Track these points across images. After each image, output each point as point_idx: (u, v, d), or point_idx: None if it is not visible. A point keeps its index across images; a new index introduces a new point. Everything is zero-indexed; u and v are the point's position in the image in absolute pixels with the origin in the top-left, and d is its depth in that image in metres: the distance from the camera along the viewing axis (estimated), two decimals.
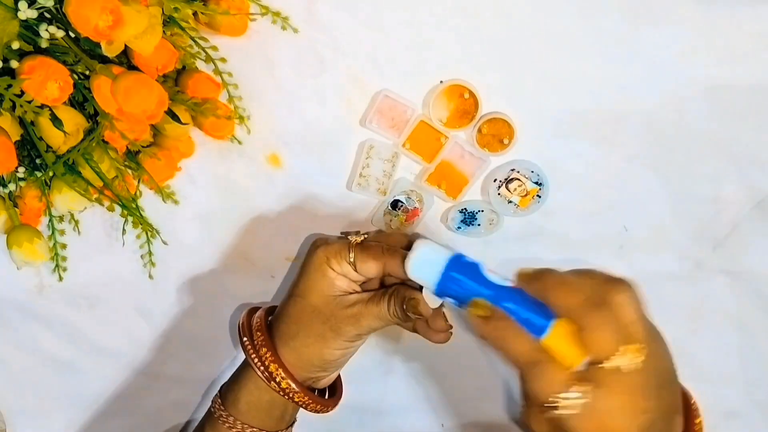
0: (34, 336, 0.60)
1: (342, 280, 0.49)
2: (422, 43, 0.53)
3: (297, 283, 0.50)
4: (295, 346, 0.49)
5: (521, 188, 0.55)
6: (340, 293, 0.49)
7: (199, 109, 0.49)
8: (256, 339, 0.49)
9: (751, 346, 0.60)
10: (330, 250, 0.49)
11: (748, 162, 0.55)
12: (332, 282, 0.49)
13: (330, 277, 0.49)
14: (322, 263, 0.49)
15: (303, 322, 0.49)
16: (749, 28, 0.52)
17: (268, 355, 0.48)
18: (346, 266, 0.49)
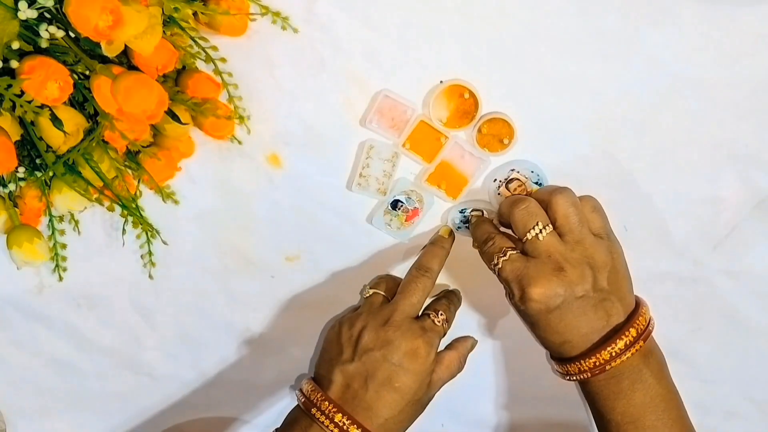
0: (34, 336, 0.60)
1: None
2: (422, 43, 0.53)
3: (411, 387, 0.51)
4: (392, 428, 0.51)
5: (521, 188, 0.55)
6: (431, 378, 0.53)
7: (199, 109, 0.49)
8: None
9: (751, 346, 0.60)
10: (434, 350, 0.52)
11: (748, 162, 0.55)
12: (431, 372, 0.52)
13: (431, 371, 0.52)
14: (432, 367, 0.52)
15: (406, 413, 0.51)
16: (749, 28, 0.52)
17: None
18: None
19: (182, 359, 0.61)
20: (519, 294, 0.49)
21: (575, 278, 0.48)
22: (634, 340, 0.48)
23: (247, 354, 0.61)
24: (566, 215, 0.49)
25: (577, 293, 0.48)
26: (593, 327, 0.49)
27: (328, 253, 0.58)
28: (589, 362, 0.49)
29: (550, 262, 0.48)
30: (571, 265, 0.48)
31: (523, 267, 0.49)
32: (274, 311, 0.60)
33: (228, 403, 0.63)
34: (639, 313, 0.50)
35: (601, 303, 0.49)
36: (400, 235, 0.57)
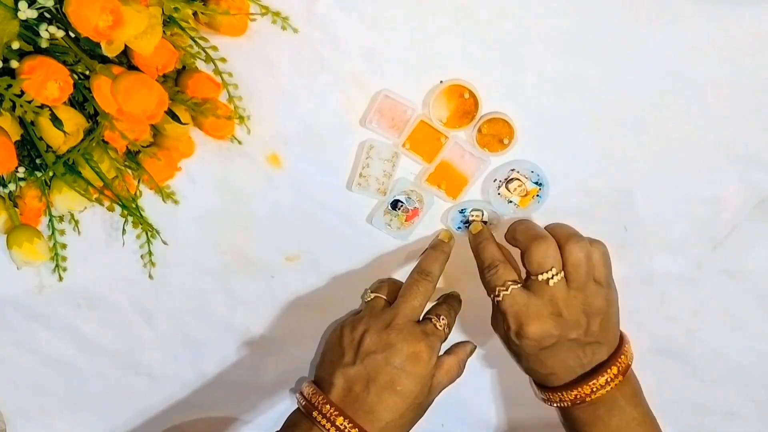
0: (34, 336, 0.60)
1: None
2: (422, 43, 0.53)
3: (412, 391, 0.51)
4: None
5: (521, 188, 0.55)
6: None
7: (199, 109, 0.49)
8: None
9: (751, 346, 0.60)
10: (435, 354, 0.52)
11: (748, 162, 0.55)
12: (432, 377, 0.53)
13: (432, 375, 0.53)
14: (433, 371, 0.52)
15: (407, 417, 0.52)
16: (749, 28, 0.52)
17: None
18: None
19: (182, 359, 0.61)
20: (515, 329, 0.51)
21: (571, 324, 0.50)
22: (614, 377, 0.51)
23: (247, 354, 0.61)
24: (577, 265, 0.50)
25: (570, 336, 0.51)
26: (578, 363, 0.52)
27: (328, 253, 0.58)
28: (571, 394, 0.51)
29: (551, 305, 0.50)
30: (569, 311, 0.50)
31: (524, 304, 0.51)
32: (274, 311, 0.60)
33: (228, 403, 0.63)
34: (622, 351, 0.52)
35: (590, 345, 0.51)
36: (400, 235, 0.57)
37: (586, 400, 0.51)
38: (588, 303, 0.51)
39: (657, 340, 0.60)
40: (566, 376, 0.52)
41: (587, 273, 0.51)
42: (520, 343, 0.51)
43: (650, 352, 0.60)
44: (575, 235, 0.51)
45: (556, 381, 0.53)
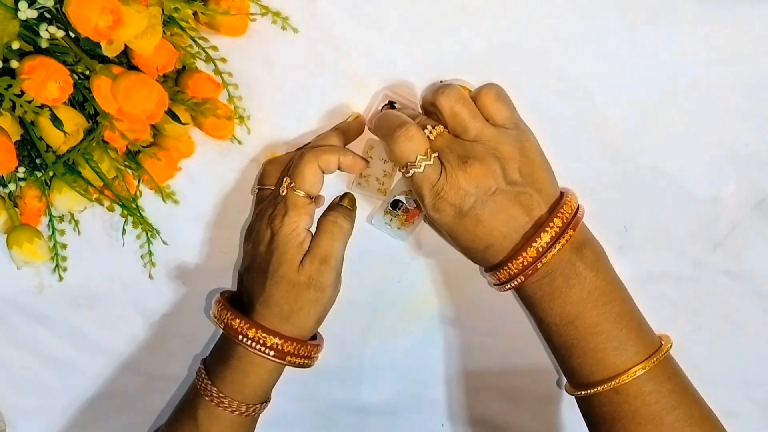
0: (34, 336, 0.60)
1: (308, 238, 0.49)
2: (422, 43, 0.53)
3: (273, 263, 0.48)
4: (296, 321, 0.49)
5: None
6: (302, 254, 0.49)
7: (199, 109, 0.49)
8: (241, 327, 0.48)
9: (751, 346, 0.60)
10: (290, 217, 0.48)
11: (748, 162, 0.55)
12: (303, 247, 0.49)
13: (304, 245, 0.49)
14: (297, 236, 0.48)
15: (292, 299, 0.48)
16: (749, 28, 0.52)
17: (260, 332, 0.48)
18: (310, 217, 0.49)
19: (182, 359, 0.61)
20: (432, 201, 0.46)
21: (482, 171, 0.44)
22: (560, 231, 0.44)
23: None
24: (454, 113, 0.45)
25: (489, 187, 0.45)
26: (513, 225, 0.45)
27: None
28: (517, 263, 0.45)
29: (454, 160, 0.45)
30: (473, 157, 0.44)
31: (438, 173, 0.45)
32: None
33: None
34: (563, 201, 0.46)
35: (517, 197, 0.45)
36: (400, 235, 0.57)
37: (537, 267, 0.45)
38: (494, 148, 0.45)
39: None
40: (505, 245, 0.46)
41: (473, 117, 0.45)
42: (440, 216, 0.46)
43: None
44: (441, 86, 0.46)
45: (497, 254, 0.46)
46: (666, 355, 0.47)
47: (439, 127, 0.46)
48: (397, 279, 0.59)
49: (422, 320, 0.60)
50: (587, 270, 0.46)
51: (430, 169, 0.46)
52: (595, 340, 0.46)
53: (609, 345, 0.46)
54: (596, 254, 0.47)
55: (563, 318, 0.46)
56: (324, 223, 0.50)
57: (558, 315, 0.46)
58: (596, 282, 0.46)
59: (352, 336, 0.60)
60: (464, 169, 0.45)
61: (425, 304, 0.59)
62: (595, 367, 0.46)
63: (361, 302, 0.59)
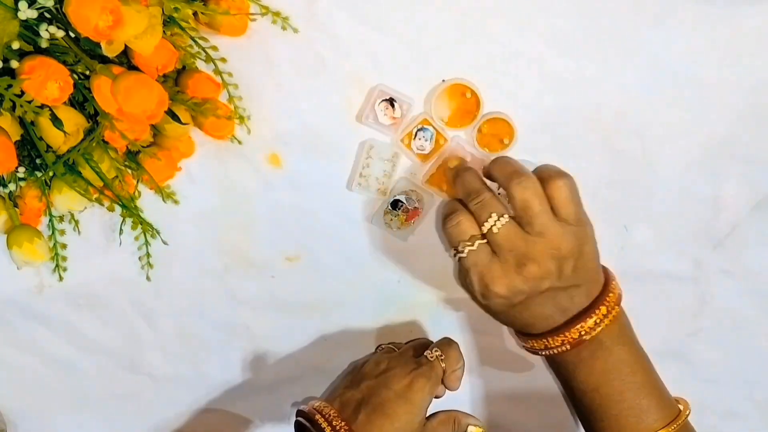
0: (34, 336, 0.60)
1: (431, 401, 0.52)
2: (422, 42, 0.53)
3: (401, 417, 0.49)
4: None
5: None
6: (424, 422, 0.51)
7: (199, 109, 0.49)
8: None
9: (751, 346, 0.60)
10: (431, 385, 0.50)
11: (748, 162, 0.55)
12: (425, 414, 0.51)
13: (426, 413, 0.51)
14: (427, 404, 0.50)
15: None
16: (749, 28, 0.52)
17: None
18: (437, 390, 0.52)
19: (182, 359, 0.61)
20: (481, 290, 0.48)
21: (539, 274, 0.46)
22: (603, 317, 0.47)
23: (247, 354, 0.61)
24: (525, 207, 0.46)
25: (542, 288, 0.47)
26: (557, 311, 0.48)
27: (328, 253, 0.58)
28: (557, 340, 0.48)
29: (512, 258, 0.46)
30: (533, 260, 0.46)
31: (488, 262, 0.47)
32: (274, 311, 0.60)
33: (228, 403, 0.63)
34: (609, 289, 0.49)
35: (565, 290, 0.47)
36: (400, 235, 0.57)
37: (575, 345, 0.48)
38: (555, 247, 0.46)
39: (656, 341, 0.60)
40: (545, 325, 0.49)
41: (542, 213, 0.46)
42: (489, 304, 0.48)
43: (650, 352, 0.60)
44: (516, 174, 0.46)
45: (534, 330, 0.49)
46: (684, 422, 0.50)
47: (505, 217, 0.46)
48: (397, 279, 0.59)
49: (422, 320, 0.60)
50: (613, 344, 0.48)
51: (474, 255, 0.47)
52: (618, 407, 0.48)
53: (631, 413, 0.48)
54: (622, 328, 0.49)
55: (588, 385, 0.49)
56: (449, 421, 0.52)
57: (583, 382, 0.49)
58: (620, 354, 0.48)
59: (352, 336, 0.60)
60: (521, 272, 0.46)
61: (425, 304, 0.59)
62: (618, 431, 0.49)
63: (360, 302, 0.59)
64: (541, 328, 0.49)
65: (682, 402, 0.51)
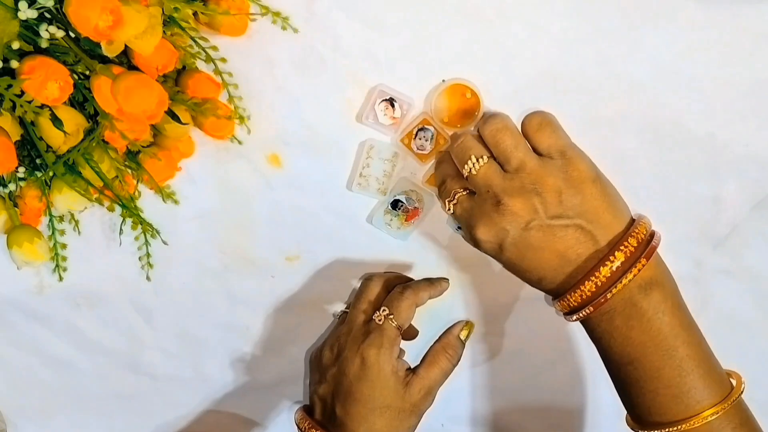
0: (34, 336, 0.60)
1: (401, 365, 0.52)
2: (422, 42, 0.53)
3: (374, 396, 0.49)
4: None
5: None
6: (404, 381, 0.51)
7: (199, 109, 0.49)
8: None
9: (751, 346, 0.60)
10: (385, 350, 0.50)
11: (748, 162, 0.55)
12: (399, 375, 0.51)
13: (399, 373, 0.51)
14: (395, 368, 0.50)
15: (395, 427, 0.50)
16: (749, 28, 0.52)
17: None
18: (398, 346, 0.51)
19: (182, 359, 0.61)
20: (470, 237, 0.46)
21: (518, 209, 0.43)
22: (625, 268, 0.42)
23: (247, 354, 0.61)
24: (496, 142, 0.44)
25: (524, 223, 0.43)
26: (561, 257, 0.44)
27: (328, 253, 0.58)
28: (575, 296, 0.43)
29: (490, 198, 0.44)
30: (509, 195, 0.43)
31: (469, 207, 0.46)
32: (274, 311, 0.60)
33: (228, 403, 0.63)
34: (629, 234, 0.43)
35: (563, 230, 0.43)
36: (400, 235, 0.57)
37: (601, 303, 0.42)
38: (534, 180, 0.43)
39: None
40: (558, 277, 0.44)
41: (516, 147, 0.44)
42: (483, 250, 0.46)
43: None
44: (488, 115, 0.46)
45: (550, 285, 0.45)
46: (737, 401, 0.44)
47: (484, 158, 0.45)
48: None
49: (422, 320, 0.59)
50: (651, 311, 0.43)
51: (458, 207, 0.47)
52: (656, 384, 0.44)
53: (669, 392, 0.44)
54: (664, 294, 0.44)
55: (623, 358, 0.44)
56: (438, 355, 0.52)
57: (618, 354, 0.44)
58: (659, 325, 0.43)
59: None
60: (498, 208, 0.44)
61: (425, 304, 0.59)
62: (654, 409, 0.44)
63: None
64: (553, 282, 0.45)
65: (735, 376, 0.46)
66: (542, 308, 0.59)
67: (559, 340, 0.60)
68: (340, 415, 0.50)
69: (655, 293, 0.43)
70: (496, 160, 0.45)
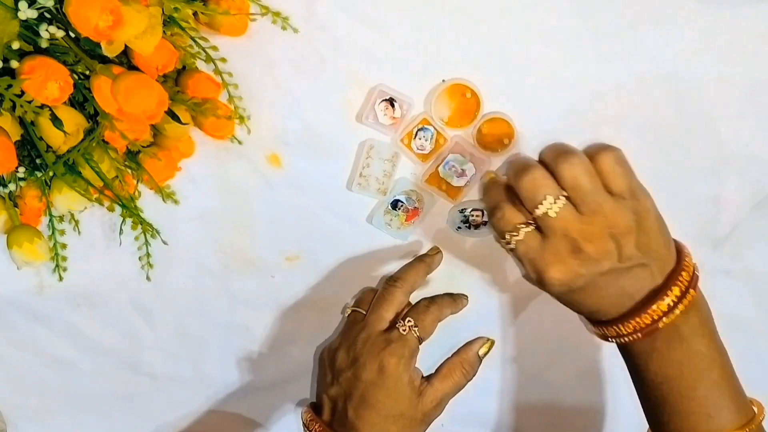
0: (34, 336, 0.60)
1: (417, 374, 0.52)
2: (422, 42, 0.53)
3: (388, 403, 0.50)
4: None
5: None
6: (419, 390, 0.51)
7: (199, 109, 0.49)
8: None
9: (751, 346, 0.60)
10: (405, 360, 0.51)
11: (748, 161, 0.55)
12: (414, 385, 0.51)
13: (414, 383, 0.51)
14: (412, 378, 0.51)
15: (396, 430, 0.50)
16: (750, 28, 0.52)
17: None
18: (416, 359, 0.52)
19: (182, 359, 0.61)
20: (536, 277, 0.44)
21: (597, 255, 0.43)
22: (678, 300, 0.43)
23: (247, 354, 0.61)
24: (576, 185, 0.42)
25: (602, 270, 0.43)
26: (623, 293, 0.44)
27: (328, 253, 0.58)
28: (629, 326, 0.44)
29: (567, 241, 0.43)
30: (589, 241, 0.42)
31: (539, 248, 0.44)
32: (274, 311, 0.60)
33: (228, 403, 0.63)
34: (681, 267, 0.44)
35: (631, 270, 0.44)
36: (400, 235, 0.57)
37: (652, 332, 0.44)
38: (611, 224, 0.42)
39: None
40: (613, 311, 0.45)
41: (594, 190, 0.42)
42: (549, 291, 0.45)
43: None
44: (564, 152, 0.43)
45: (604, 316, 0.45)
46: (759, 426, 0.46)
47: (561, 199, 0.42)
48: None
49: None
50: (691, 335, 0.45)
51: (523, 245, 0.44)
52: (689, 403, 0.45)
53: (702, 410, 0.45)
54: (702, 319, 0.46)
55: (659, 376, 0.46)
56: (454, 369, 0.53)
57: (654, 373, 0.46)
58: (697, 347, 0.45)
59: None
60: (577, 254, 0.43)
61: None
62: (684, 428, 0.45)
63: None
64: (609, 315, 0.45)
65: (756, 404, 0.48)
66: (543, 308, 0.59)
67: (559, 341, 0.60)
68: (352, 418, 0.50)
69: (693, 317, 0.45)
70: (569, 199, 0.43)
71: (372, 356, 0.51)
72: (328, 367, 0.54)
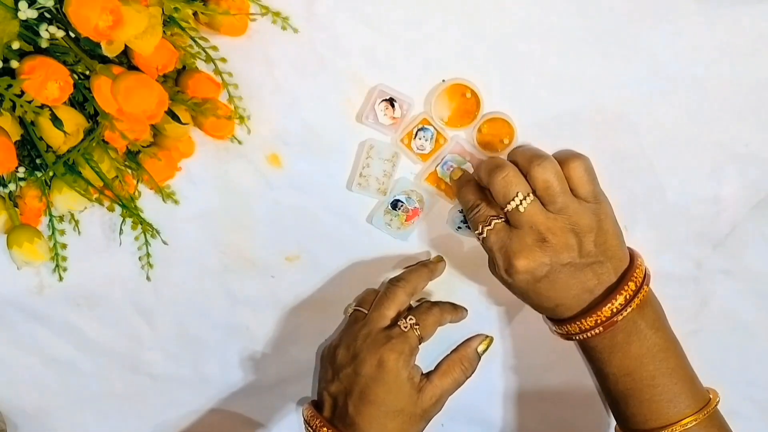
0: (34, 336, 0.60)
1: (416, 371, 0.53)
2: (422, 42, 0.53)
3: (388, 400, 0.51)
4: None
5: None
6: (418, 387, 0.52)
7: (199, 109, 0.49)
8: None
9: (751, 346, 0.60)
10: (405, 357, 0.51)
11: (748, 162, 0.55)
12: (414, 381, 0.52)
13: (414, 379, 0.52)
14: (412, 375, 0.52)
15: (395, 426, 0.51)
16: (749, 28, 0.52)
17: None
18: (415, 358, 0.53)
19: (182, 359, 0.61)
20: (504, 266, 0.49)
21: (559, 247, 0.48)
22: (633, 294, 0.49)
23: (247, 354, 0.61)
24: (547, 187, 0.48)
25: (563, 261, 0.48)
26: (584, 288, 0.49)
27: (328, 253, 0.58)
28: (590, 321, 0.49)
29: (533, 233, 0.48)
30: (554, 234, 0.48)
31: (507, 238, 0.49)
32: (274, 311, 0.60)
33: (228, 403, 0.63)
34: (635, 266, 0.50)
35: (590, 266, 0.49)
36: (400, 235, 0.57)
37: (609, 325, 0.49)
38: (573, 222, 0.48)
39: None
40: (575, 305, 0.50)
41: (562, 192, 0.48)
42: (514, 280, 0.49)
43: None
44: (537, 157, 0.48)
45: (565, 311, 0.50)
46: (715, 409, 0.51)
47: (531, 196, 0.48)
48: None
49: None
50: (647, 328, 0.49)
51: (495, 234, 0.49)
52: (651, 391, 0.50)
53: (663, 397, 0.49)
54: (656, 313, 0.51)
55: (621, 370, 0.50)
56: (454, 366, 0.55)
57: (617, 367, 0.50)
58: (655, 339, 0.50)
59: None
60: (541, 245, 0.48)
61: None
62: (649, 416, 0.50)
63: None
64: (572, 310, 0.50)
65: (712, 392, 0.52)
66: None
67: (559, 340, 0.60)
68: (353, 414, 0.51)
69: (649, 312, 0.50)
70: (538, 197, 0.48)
71: (372, 352, 0.51)
72: (329, 364, 0.54)
